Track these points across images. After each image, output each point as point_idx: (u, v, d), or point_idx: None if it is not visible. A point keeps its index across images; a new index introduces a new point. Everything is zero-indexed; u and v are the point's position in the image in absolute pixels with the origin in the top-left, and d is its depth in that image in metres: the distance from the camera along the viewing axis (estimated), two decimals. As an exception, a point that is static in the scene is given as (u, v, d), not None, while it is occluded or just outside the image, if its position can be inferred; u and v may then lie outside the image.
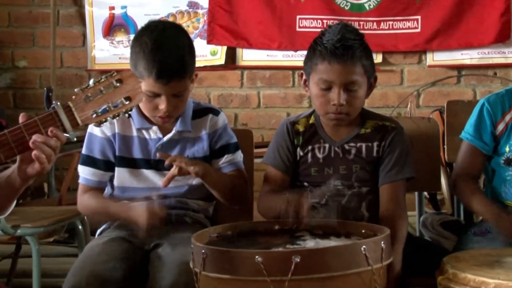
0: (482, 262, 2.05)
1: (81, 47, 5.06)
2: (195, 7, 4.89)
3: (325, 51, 2.38)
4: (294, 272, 1.84)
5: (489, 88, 4.63)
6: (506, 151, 2.51)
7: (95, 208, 2.55)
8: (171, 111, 2.43)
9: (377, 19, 4.71)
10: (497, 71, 4.66)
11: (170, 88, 2.39)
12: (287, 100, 4.88)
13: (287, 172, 2.53)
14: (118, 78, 1.90)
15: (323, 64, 2.39)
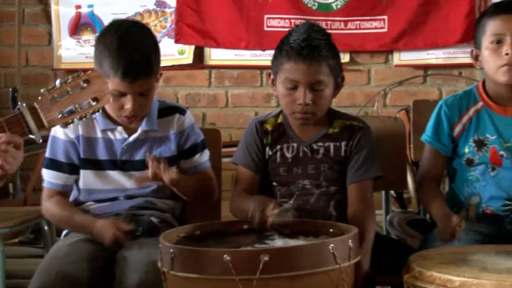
0: (447, 260, 2.06)
1: (47, 46, 5.02)
2: (162, 6, 4.88)
3: (291, 51, 2.39)
4: (263, 271, 1.85)
5: (454, 87, 4.67)
6: (466, 152, 2.53)
7: (59, 217, 2.53)
8: (137, 110, 2.41)
9: (344, 19, 4.73)
10: (462, 71, 4.71)
11: (136, 86, 2.37)
12: (255, 100, 4.88)
13: (257, 171, 2.53)
14: (85, 79, 1.89)
15: (289, 64, 2.40)
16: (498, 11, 2.48)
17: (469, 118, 2.55)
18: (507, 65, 2.42)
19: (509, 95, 2.52)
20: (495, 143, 2.50)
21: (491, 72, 2.48)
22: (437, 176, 2.62)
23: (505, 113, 2.52)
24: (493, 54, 2.45)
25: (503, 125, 2.52)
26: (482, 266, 1.99)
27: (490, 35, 2.46)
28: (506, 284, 1.82)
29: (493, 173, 2.50)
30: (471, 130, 2.54)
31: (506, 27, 2.44)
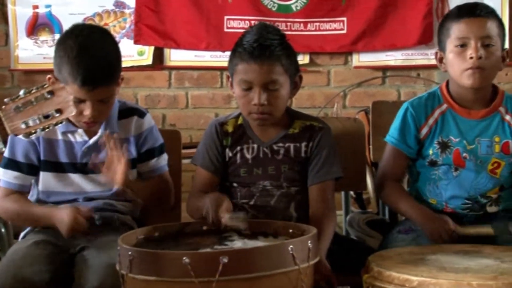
0: (406, 260, 2.08)
1: (3, 46, 4.94)
2: (121, 6, 4.83)
3: (243, 52, 2.40)
4: (222, 272, 1.84)
5: (412, 89, 4.71)
6: (430, 153, 2.55)
7: (16, 212, 2.50)
8: (96, 117, 2.39)
9: (304, 20, 4.74)
10: (420, 72, 4.74)
11: (96, 94, 2.35)
12: (215, 101, 4.87)
13: (216, 173, 2.53)
14: (50, 90, 1.89)
15: (242, 65, 2.41)
16: (462, 14, 2.50)
17: (434, 120, 2.57)
18: (471, 68, 2.44)
19: (473, 98, 2.54)
20: (459, 145, 2.52)
21: (455, 75, 2.50)
22: (399, 176, 2.64)
23: (469, 115, 2.54)
24: (457, 58, 2.47)
25: (466, 128, 2.54)
26: (440, 265, 2.02)
27: (454, 39, 2.48)
28: (464, 284, 1.85)
29: (455, 173, 2.52)
30: (436, 132, 2.56)
31: (471, 31, 2.46)
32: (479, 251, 2.18)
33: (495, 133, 2.52)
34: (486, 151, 2.52)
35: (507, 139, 2.52)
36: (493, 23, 2.48)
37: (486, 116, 2.54)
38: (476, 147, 2.51)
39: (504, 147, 2.52)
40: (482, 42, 2.45)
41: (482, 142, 2.52)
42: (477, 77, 2.45)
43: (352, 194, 3.85)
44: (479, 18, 2.47)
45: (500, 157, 2.51)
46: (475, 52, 2.43)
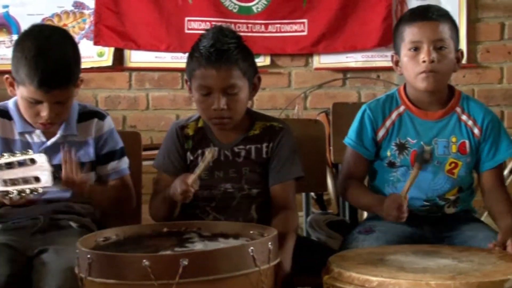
0: (366, 261, 2.09)
1: (-39, 47, 4.88)
2: (80, 7, 4.79)
3: (200, 57, 2.39)
4: (182, 275, 1.84)
5: (372, 90, 4.74)
6: (388, 155, 2.57)
7: None
8: (53, 118, 2.37)
9: (265, 22, 4.75)
10: (380, 74, 4.78)
11: (53, 96, 2.33)
12: (176, 102, 4.85)
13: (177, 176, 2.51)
14: (31, 159, 2.06)
15: (200, 70, 2.40)
16: (415, 18, 2.51)
17: (392, 122, 2.58)
18: (424, 72, 2.46)
19: (429, 100, 2.56)
20: (416, 147, 2.54)
21: (410, 78, 2.52)
22: (360, 178, 2.65)
23: (426, 116, 2.57)
24: (411, 61, 2.49)
25: (423, 129, 2.56)
26: (399, 266, 2.03)
27: (408, 42, 2.50)
28: (422, 284, 1.86)
29: (413, 174, 2.54)
30: (393, 133, 2.57)
31: (423, 35, 2.47)
32: (438, 251, 2.20)
33: (452, 134, 2.55)
34: (443, 151, 2.54)
35: (463, 139, 2.55)
36: (445, 25, 2.50)
37: (443, 117, 2.56)
38: (433, 148, 2.53)
39: (461, 147, 2.55)
40: (434, 46, 2.47)
41: (439, 143, 2.55)
42: (430, 81, 2.47)
43: (313, 195, 3.87)
44: (431, 22, 2.49)
45: (457, 157, 2.54)
46: (427, 55, 2.45)
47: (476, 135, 2.55)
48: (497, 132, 2.56)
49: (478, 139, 2.55)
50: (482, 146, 2.55)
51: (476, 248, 2.29)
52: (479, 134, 2.55)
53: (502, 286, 1.87)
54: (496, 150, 2.55)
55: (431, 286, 1.85)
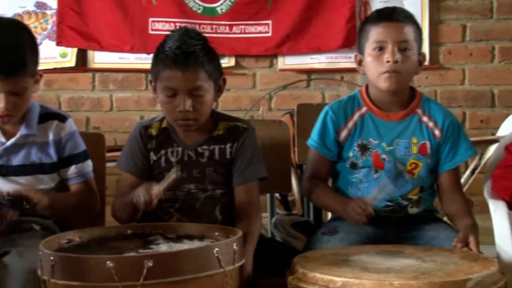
0: (330, 261, 2.10)
1: None
2: (43, 7, 4.75)
3: (166, 59, 2.38)
4: (147, 276, 1.83)
5: (337, 91, 4.77)
6: (350, 156, 2.58)
7: None
8: (10, 110, 2.34)
9: (230, 23, 4.75)
10: (344, 75, 4.80)
11: (9, 85, 2.30)
12: (140, 103, 4.83)
13: (141, 176, 2.51)
14: None
15: (165, 72, 2.39)
16: (381, 18, 2.53)
17: (354, 123, 2.59)
18: (388, 72, 2.48)
19: (391, 101, 2.58)
20: (378, 147, 2.55)
21: (373, 78, 2.54)
22: (324, 178, 2.66)
23: (388, 117, 2.58)
24: (375, 61, 2.51)
25: (385, 130, 2.57)
26: (363, 266, 2.04)
27: (372, 42, 2.52)
28: (386, 284, 1.87)
29: (376, 175, 2.56)
30: (355, 134, 2.58)
31: (388, 35, 2.49)
32: (401, 252, 2.22)
33: (413, 135, 2.57)
34: (404, 152, 2.56)
35: (424, 140, 2.57)
36: (410, 27, 2.53)
37: (404, 118, 2.58)
38: (394, 149, 2.55)
39: (422, 148, 2.57)
40: (399, 46, 2.49)
41: (400, 144, 2.57)
42: (393, 81, 2.49)
43: (278, 196, 3.87)
44: (397, 23, 2.52)
45: (418, 158, 2.56)
46: (391, 56, 2.47)
47: (437, 136, 2.58)
48: (456, 134, 2.59)
49: (439, 141, 2.58)
50: (442, 147, 2.58)
51: (439, 248, 2.31)
52: (440, 136, 2.57)
53: (464, 285, 1.89)
54: (455, 152, 2.58)
55: (395, 286, 1.87)
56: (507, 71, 4.78)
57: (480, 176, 3.38)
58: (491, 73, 4.79)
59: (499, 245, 2.43)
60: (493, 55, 4.79)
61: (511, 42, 4.77)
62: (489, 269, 1.99)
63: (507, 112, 4.49)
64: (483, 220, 2.66)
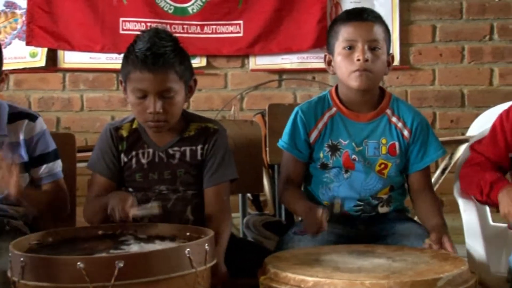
0: (302, 261, 2.10)
1: None
2: (12, 7, 4.71)
3: (136, 60, 2.36)
4: (118, 277, 1.82)
5: (308, 92, 4.78)
6: (321, 156, 2.59)
7: None
8: None
9: (201, 23, 4.74)
10: (316, 75, 4.82)
11: None
12: (111, 103, 4.81)
13: (112, 178, 2.50)
14: None
15: (135, 74, 2.38)
16: (351, 18, 2.55)
17: (324, 124, 2.60)
18: (358, 70, 2.49)
19: (361, 100, 2.59)
20: (348, 148, 2.56)
21: (343, 77, 2.55)
22: (298, 180, 2.66)
23: (357, 118, 2.59)
24: (345, 60, 2.52)
25: (355, 130, 2.58)
26: (334, 266, 2.04)
27: (342, 41, 2.53)
28: (357, 283, 1.88)
29: (346, 175, 2.56)
30: (325, 135, 2.59)
31: (358, 34, 2.51)
32: (372, 251, 2.23)
33: (382, 135, 2.59)
34: (373, 152, 2.57)
35: (393, 141, 2.59)
36: (379, 27, 2.55)
37: (373, 118, 2.60)
38: (364, 149, 2.57)
39: (391, 149, 2.58)
40: (369, 45, 2.50)
41: (370, 144, 2.58)
42: (363, 79, 2.50)
43: (249, 196, 3.87)
44: (366, 22, 2.53)
45: (387, 158, 2.58)
46: (362, 54, 2.49)
47: (406, 137, 2.59)
48: (426, 135, 2.61)
49: (408, 141, 2.59)
50: (411, 148, 2.60)
51: (409, 247, 2.32)
52: (409, 136, 2.59)
53: (435, 284, 1.91)
54: (424, 152, 2.60)
55: (366, 286, 1.87)
56: (476, 71, 4.83)
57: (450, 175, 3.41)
58: (461, 73, 4.84)
59: (469, 244, 2.45)
60: (462, 56, 4.84)
61: (480, 43, 4.82)
62: (460, 268, 2.00)
63: (476, 112, 4.53)
64: (454, 220, 2.68)
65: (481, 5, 4.81)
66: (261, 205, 4.03)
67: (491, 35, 4.82)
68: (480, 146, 2.60)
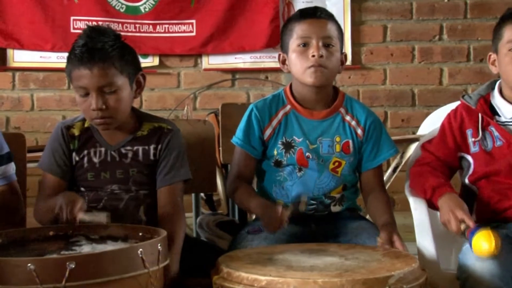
0: (255, 260, 2.11)
1: None
2: (-40, 6, 4.64)
3: (75, 58, 2.35)
4: (69, 278, 1.80)
5: (261, 91, 4.79)
6: (275, 154, 2.60)
7: None
8: None
9: (153, 22, 4.72)
10: (269, 75, 4.83)
11: None
12: (62, 103, 4.76)
13: (64, 177, 2.47)
14: None
15: (75, 71, 2.36)
16: (305, 15, 2.57)
17: (278, 121, 2.61)
18: (313, 66, 2.51)
19: (315, 99, 2.61)
20: (302, 145, 2.58)
21: (298, 74, 2.56)
22: (249, 177, 2.66)
23: (311, 116, 2.61)
24: (300, 57, 2.53)
25: (309, 128, 2.60)
26: (287, 264, 2.05)
27: (297, 38, 2.54)
28: (310, 282, 1.89)
29: (300, 174, 2.58)
30: (280, 133, 2.60)
31: (313, 31, 2.53)
32: (325, 250, 2.24)
33: (336, 133, 2.61)
34: (327, 150, 2.59)
35: (347, 139, 2.61)
36: (333, 25, 2.57)
37: (327, 116, 2.62)
38: (318, 147, 2.58)
39: (344, 147, 2.61)
40: (323, 42, 2.52)
41: (324, 142, 2.60)
42: (318, 75, 2.52)
43: (203, 196, 3.87)
44: (320, 19, 2.56)
45: (341, 156, 2.60)
46: (316, 50, 2.51)
47: (359, 135, 2.62)
48: (378, 133, 2.64)
49: (361, 139, 2.62)
50: (364, 146, 2.62)
51: (361, 245, 2.35)
52: (362, 135, 2.62)
53: (386, 282, 1.93)
54: (377, 151, 2.63)
55: (319, 284, 1.88)
56: (426, 71, 4.89)
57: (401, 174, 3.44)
58: (411, 73, 4.89)
59: (420, 242, 2.48)
60: (413, 55, 4.89)
61: (430, 43, 4.88)
62: (411, 266, 2.03)
63: (427, 111, 4.59)
64: (405, 218, 2.71)
65: (431, 5, 4.87)
66: (214, 205, 4.03)
67: (441, 35, 4.89)
68: (430, 146, 2.63)
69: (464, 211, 2.32)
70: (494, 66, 2.59)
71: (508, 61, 2.48)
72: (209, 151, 2.92)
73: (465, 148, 2.58)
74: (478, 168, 2.53)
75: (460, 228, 2.30)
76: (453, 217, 2.32)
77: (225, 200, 3.73)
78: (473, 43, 4.87)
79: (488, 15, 4.84)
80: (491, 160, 2.50)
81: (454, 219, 2.32)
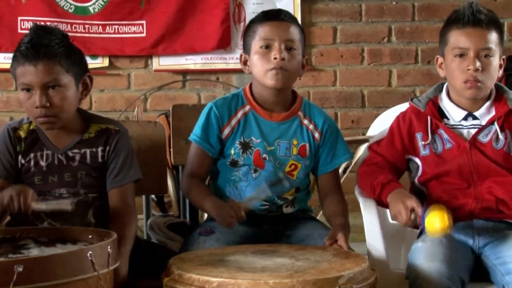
0: (206, 262, 2.11)
1: None
2: None
3: (20, 55, 2.33)
4: (17, 282, 1.77)
5: (212, 92, 4.79)
6: (232, 153, 2.60)
7: None
8: None
9: (102, 22, 4.68)
10: (219, 76, 4.83)
11: None
12: (10, 104, 4.70)
13: (8, 178, 2.43)
14: None
15: (19, 68, 2.34)
16: (268, 18, 2.58)
17: (237, 120, 2.61)
18: (275, 68, 2.52)
19: (274, 101, 2.62)
20: (259, 146, 2.58)
21: (259, 75, 2.56)
22: (203, 174, 2.66)
23: (270, 117, 2.61)
24: (262, 58, 2.54)
25: (267, 129, 2.60)
26: (239, 266, 2.06)
27: (259, 40, 2.55)
28: (261, 283, 1.89)
29: (255, 175, 2.58)
30: (238, 132, 2.60)
31: (276, 33, 2.53)
32: (276, 251, 2.25)
33: (293, 136, 2.62)
34: (284, 153, 2.60)
35: (304, 142, 2.62)
36: (295, 28, 2.59)
37: (286, 119, 2.63)
38: (275, 149, 2.59)
39: (301, 150, 2.62)
40: (285, 45, 2.54)
41: (282, 144, 2.61)
42: (279, 78, 2.53)
43: (153, 198, 3.85)
44: (284, 22, 2.57)
45: (297, 159, 2.61)
46: (278, 53, 2.52)
47: (317, 139, 2.63)
48: (335, 138, 2.67)
49: (318, 143, 2.64)
50: (321, 150, 2.64)
51: (312, 246, 2.36)
52: (319, 138, 2.64)
53: (336, 282, 1.94)
54: (333, 155, 2.65)
55: (270, 285, 1.89)
56: (375, 72, 4.94)
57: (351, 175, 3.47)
58: (361, 74, 4.93)
59: (370, 242, 2.50)
60: (362, 57, 4.93)
61: (379, 45, 4.93)
62: (360, 266, 2.05)
63: (376, 112, 4.64)
64: (355, 218, 2.73)
65: (379, 8, 4.92)
66: (165, 206, 4.01)
67: (389, 37, 4.94)
68: (378, 147, 2.66)
69: (414, 201, 2.35)
70: (441, 69, 2.62)
71: (455, 67, 2.52)
72: (160, 153, 2.91)
73: (412, 151, 2.61)
74: (428, 170, 2.56)
75: (410, 217, 2.33)
76: (403, 207, 2.34)
77: (176, 202, 3.72)
78: (421, 45, 4.94)
79: (435, 18, 4.91)
80: (441, 162, 2.54)
81: (404, 208, 2.34)
